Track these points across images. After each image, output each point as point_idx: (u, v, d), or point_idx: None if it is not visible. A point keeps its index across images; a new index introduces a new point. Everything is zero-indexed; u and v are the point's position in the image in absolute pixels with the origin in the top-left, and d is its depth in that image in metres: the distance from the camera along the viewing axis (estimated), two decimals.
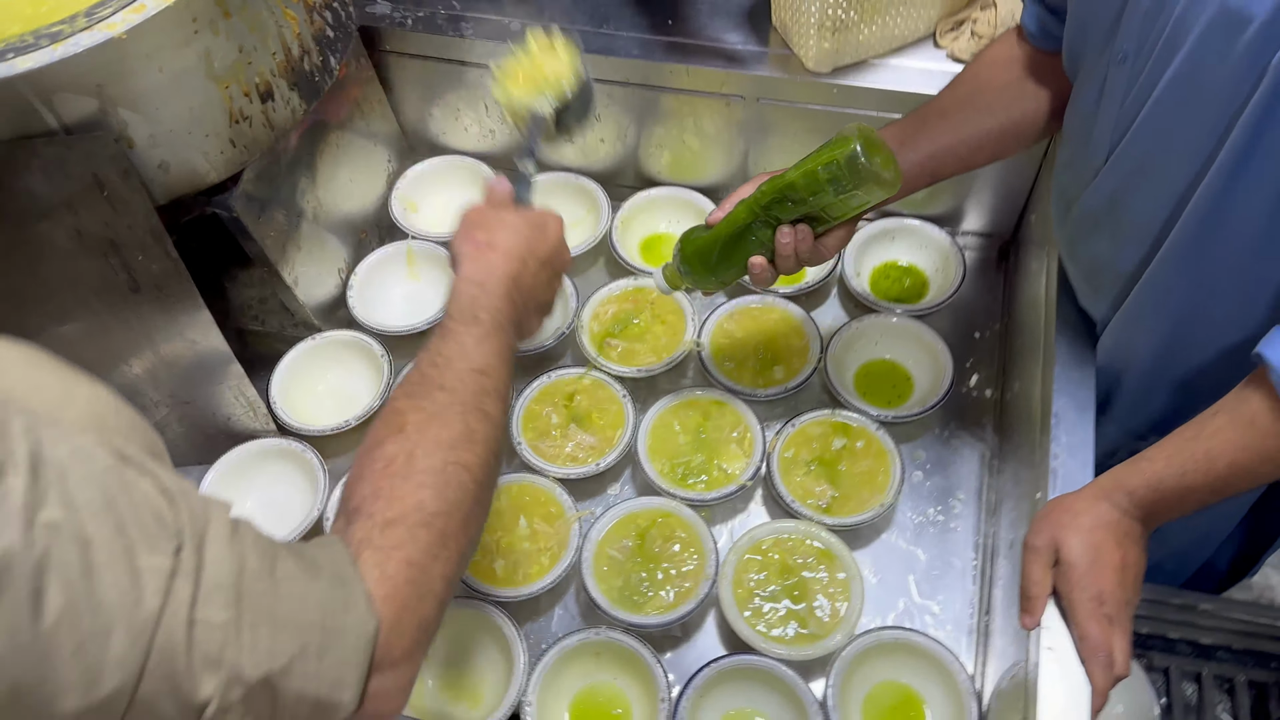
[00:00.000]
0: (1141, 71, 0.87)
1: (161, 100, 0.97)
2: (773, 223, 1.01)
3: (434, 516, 0.66)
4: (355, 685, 0.58)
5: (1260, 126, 0.79)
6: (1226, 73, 0.78)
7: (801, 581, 1.19)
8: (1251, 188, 0.83)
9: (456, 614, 1.18)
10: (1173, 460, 0.88)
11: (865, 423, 1.29)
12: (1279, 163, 0.80)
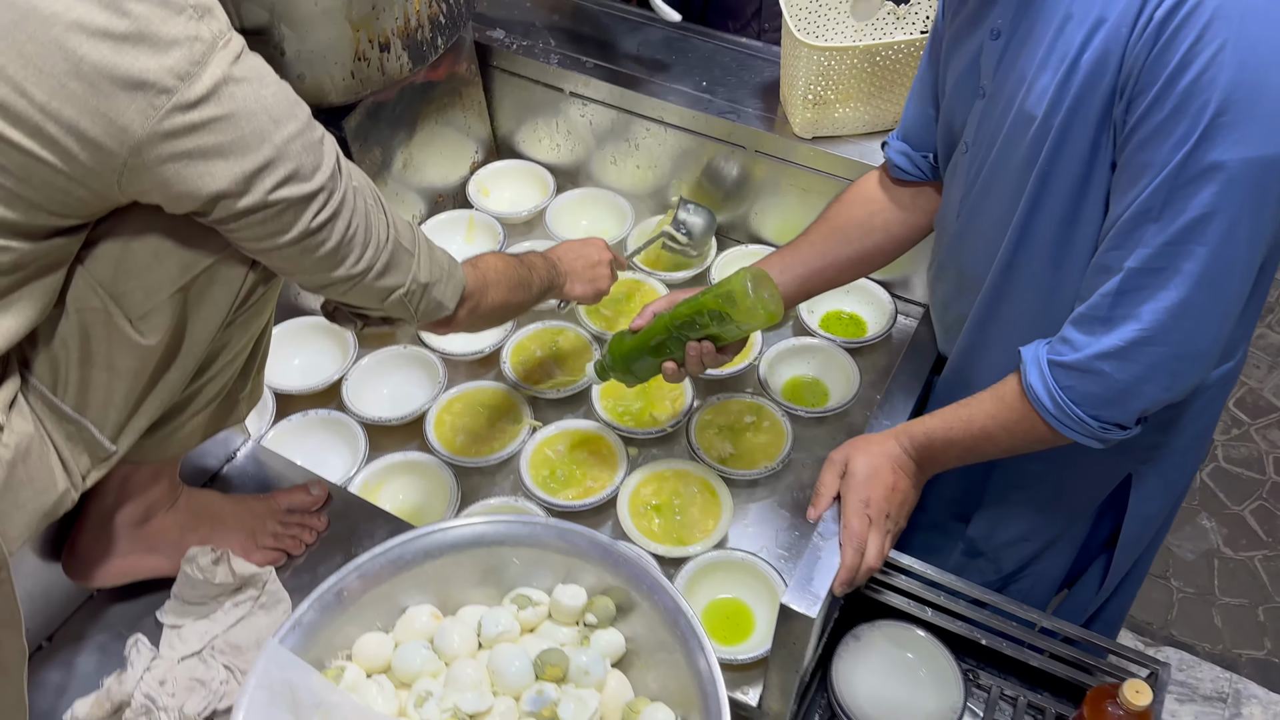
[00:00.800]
0: (976, 158, 1.17)
1: (311, 26, 1.42)
2: (683, 339, 1.28)
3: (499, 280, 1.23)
4: (454, 302, 1.13)
5: (1038, 197, 1.07)
6: (1021, 155, 1.07)
7: (682, 503, 1.47)
8: (1034, 245, 1.11)
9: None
10: (945, 418, 1.16)
11: (774, 408, 1.58)
12: (1051, 223, 1.08)
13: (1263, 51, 0.86)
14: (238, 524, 1.28)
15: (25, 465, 0.94)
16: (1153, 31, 0.89)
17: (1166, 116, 0.89)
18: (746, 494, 1.52)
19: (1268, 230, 0.93)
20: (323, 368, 1.67)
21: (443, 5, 1.56)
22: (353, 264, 0.98)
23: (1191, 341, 0.97)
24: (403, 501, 1.52)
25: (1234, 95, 0.86)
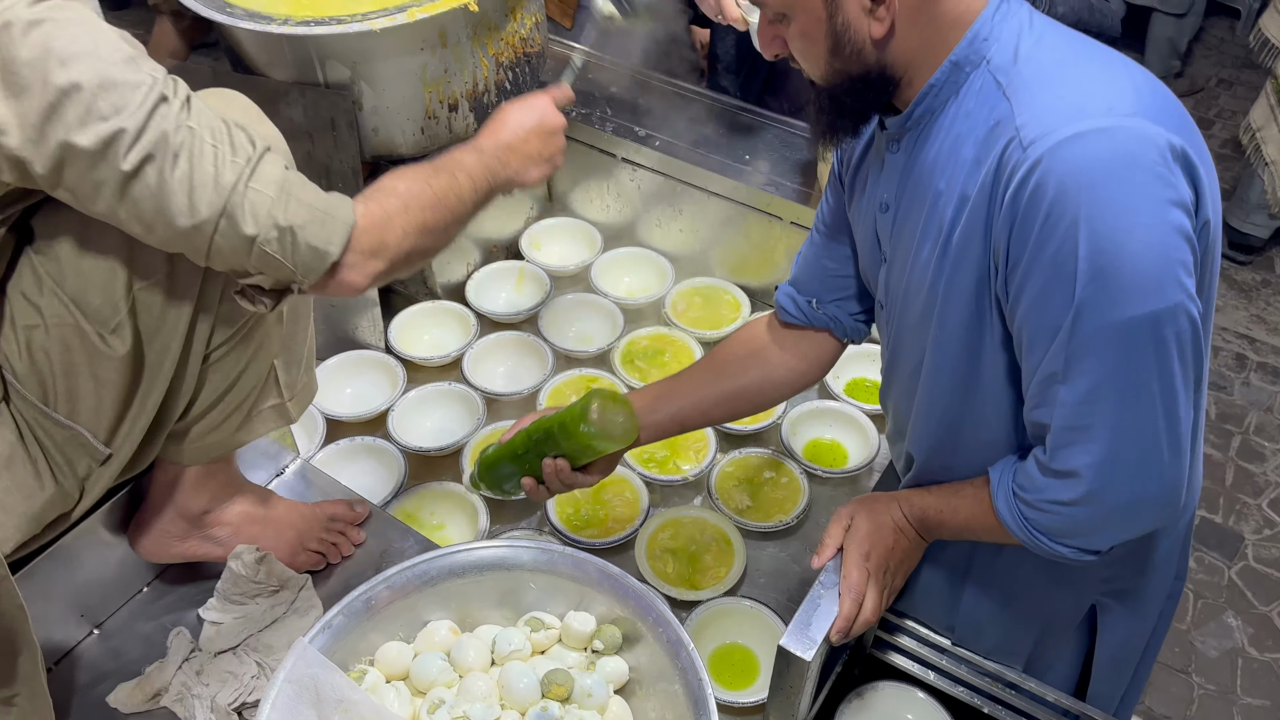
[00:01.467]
0: (891, 317, 1.21)
1: (387, 85, 1.56)
2: (540, 454, 1.26)
3: (403, 195, 1.04)
4: (339, 246, 0.97)
5: (936, 357, 1.11)
6: (917, 317, 1.12)
7: (698, 550, 1.54)
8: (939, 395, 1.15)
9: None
10: (938, 499, 1.20)
11: (794, 466, 1.65)
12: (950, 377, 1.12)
13: (1110, 221, 0.89)
14: (288, 525, 1.37)
15: (8, 475, 1.04)
16: (1008, 210, 0.94)
17: (1041, 289, 0.94)
18: (761, 546, 1.59)
19: (1170, 376, 0.95)
20: (372, 398, 1.78)
21: (509, 74, 1.69)
22: (191, 211, 0.92)
23: (1136, 488, 1.00)
24: (435, 528, 1.61)
25: (1095, 265, 0.90)
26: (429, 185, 1.07)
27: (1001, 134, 0.96)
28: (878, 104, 1.06)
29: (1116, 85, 0.95)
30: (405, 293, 1.99)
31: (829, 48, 1.01)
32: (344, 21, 1.45)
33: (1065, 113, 0.92)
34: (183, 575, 1.39)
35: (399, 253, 1.04)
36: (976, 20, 0.99)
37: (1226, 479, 2.77)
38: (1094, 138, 0.90)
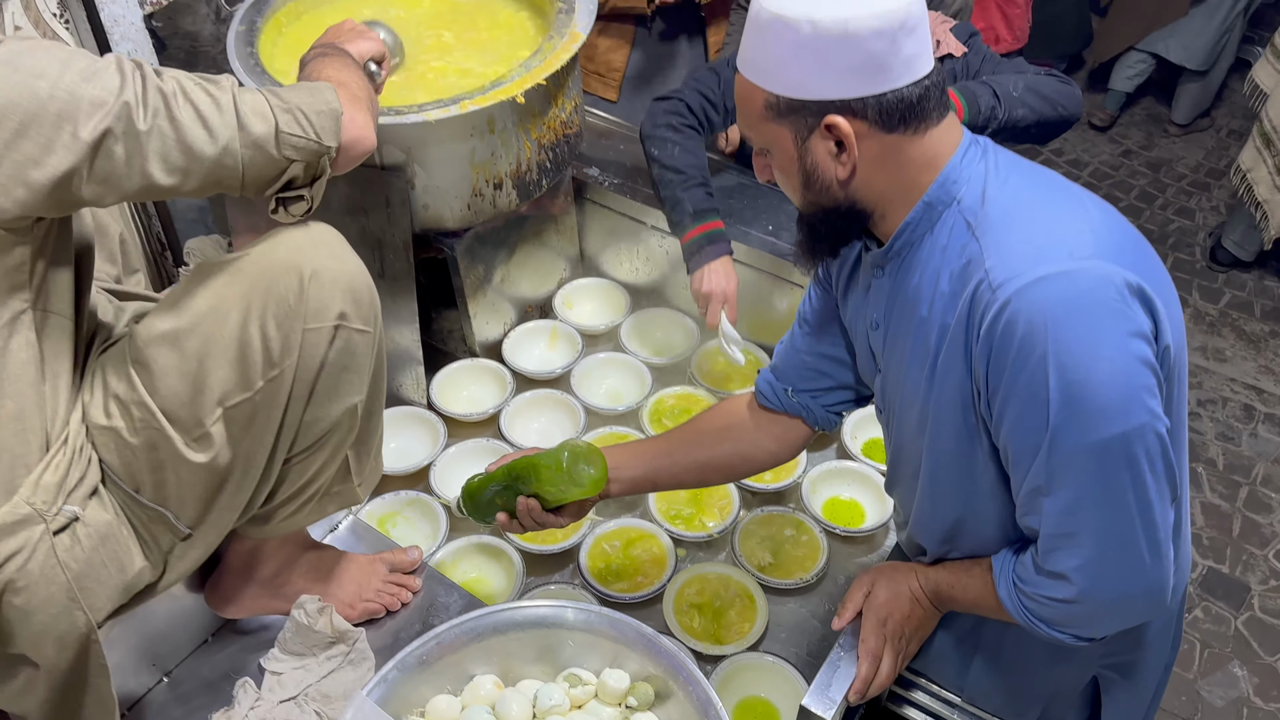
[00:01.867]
0: (891, 421, 1.30)
1: (438, 167, 1.67)
2: (516, 491, 1.37)
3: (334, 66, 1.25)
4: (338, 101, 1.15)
5: (933, 464, 1.21)
6: (913, 427, 1.21)
7: (722, 605, 1.64)
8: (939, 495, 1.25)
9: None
10: (952, 576, 1.30)
11: (813, 525, 1.75)
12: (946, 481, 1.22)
13: (1076, 354, 0.99)
14: (348, 578, 1.48)
15: (106, 548, 1.15)
16: (983, 343, 1.04)
17: (1019, 414, 1.04)
18: (781, 601, 1.68)
19: (1144, 487, 1.04)
20: (414, 453, 1.89)
21: (549, 153, 1.81)
22: (212, 139, 1.06)
23: (1121, 588, 1.09)
24: (475, 579, 1.71)
25: (1066, 393, 1.00)
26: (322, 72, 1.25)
27: (973, 273, 1.06)
28: (852, 232, 1.16)
29: (1075, 228, 1.05)
30: (446, 350, 2.10)
31: (802, 182, 1.12)
32: (402, 112, 1.57)
33: (1030, 257, 1.03)
34: (244, 625, 1.50)
35: (370, 99, 1.24)
36: (946, 165, 1.09)
37: (1234, 530, 2.84)
38: (1057, 280, 1.01)
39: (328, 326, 1.18)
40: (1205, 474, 3.00)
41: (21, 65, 0.98)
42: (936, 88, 1.08)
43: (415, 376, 1.94)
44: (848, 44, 1.02)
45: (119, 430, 1.13)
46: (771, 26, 1.04)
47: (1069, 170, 4.26)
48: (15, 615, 1.09)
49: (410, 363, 1.92)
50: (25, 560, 1.08)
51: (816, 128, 1.06)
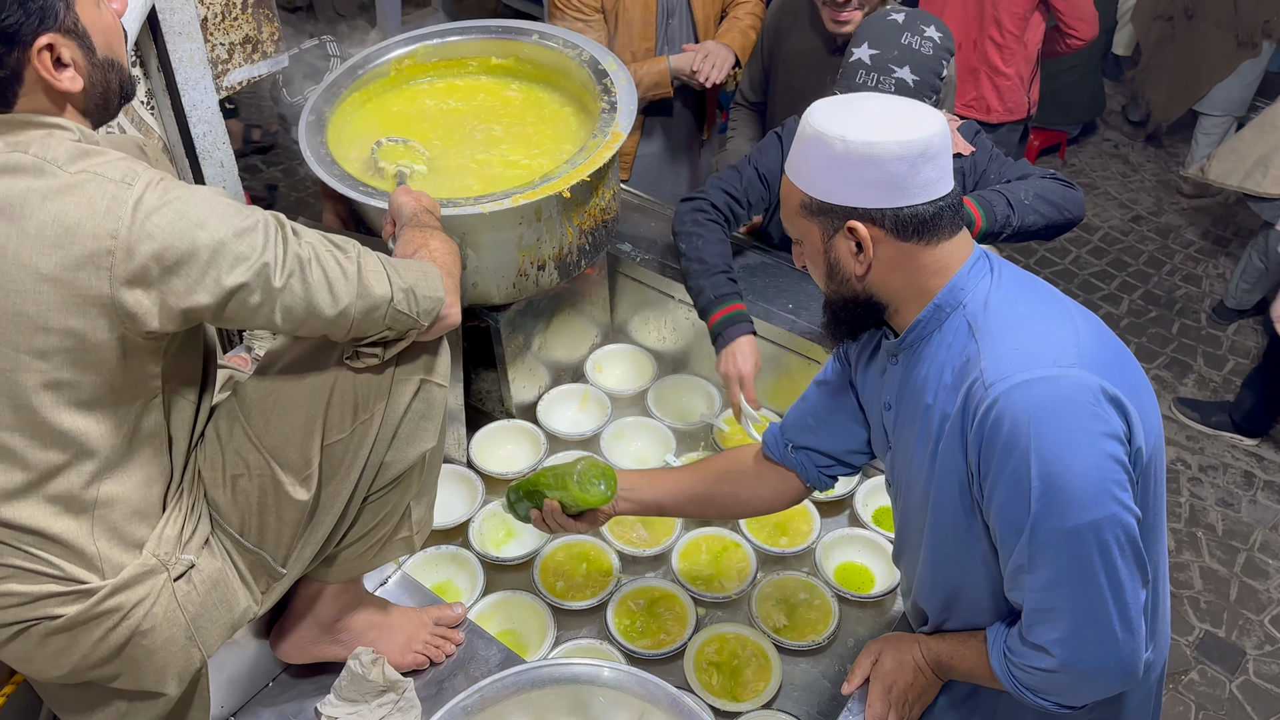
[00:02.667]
0: (899, 495, 1.44)
1: (488, 251, 1.83)
2: (544, 495, 1.59)
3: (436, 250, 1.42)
4: (441, 289, 1.32)
5: (933, 537, 1.35)
6: (917, 502, 1.35)
7: (739, 664, 1.76)
8: (940, 564, 1.38)
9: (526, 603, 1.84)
10: (951, 647, 1.42)
11: (826, 589, 1.88)
12: (943, 551, 1.35)
13: (1055, 449, 1.14)
14: (399, 630, 1.62)
15: (217, 591, 1.33)
16: (976, 432, 1.19)
17: (1005, 499, 1.18)
18: (795, 662, 1.80)
19: (1115, 570, 1.17)
20: (454, 509, 2.03)
21: (589, 237, 1.96)
22: (334, 302, 1.20)
23: (1097, 661, 1.22)
24: (509, 631, 1.84)
25: (1045, 483, 1.14)
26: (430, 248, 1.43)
27: (971, 370, 1.22)
28: (869, 321, 1.33)
29: (1061, 339, 1.21)
30: (485, 410, 2.24)
31: (826, 273, 1.30)
32: (459, 204, 1.73)
33: (1018, 362, 1.19)
34: (302, 672, 1.63)
35: (459, 276, 1.42)
36: (956, 274, 1.26)
37: (1231, 594, 2.94)
38: (1040, 384, 1.17)
39: (414, 379, 1.37)
40: (1204, 539, 3.11)
41: (187, 214, 1.11)
42: (951, 208, 1.24)
43: (457, 436, 2.09)
44: (872, 163, 1.19)
45: (237, 479, 1.30)
46: (812, 140, 1.22)
47: (1079, 233, 4.40)
48: (141, 654, 1.25)
49: (454, 423, 2.06)
50: (151, 605, 1.24)
51: (840, 229, 1.23)
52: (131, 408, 1.20)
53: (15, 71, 1.11)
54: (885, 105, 1.24)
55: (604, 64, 2.01)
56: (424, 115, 2.06)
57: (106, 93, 1.20)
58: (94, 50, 1.16)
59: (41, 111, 1.15)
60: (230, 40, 1.92)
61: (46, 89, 1.14)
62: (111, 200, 1.09)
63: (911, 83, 1.87)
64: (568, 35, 2.09)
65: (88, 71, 1.16)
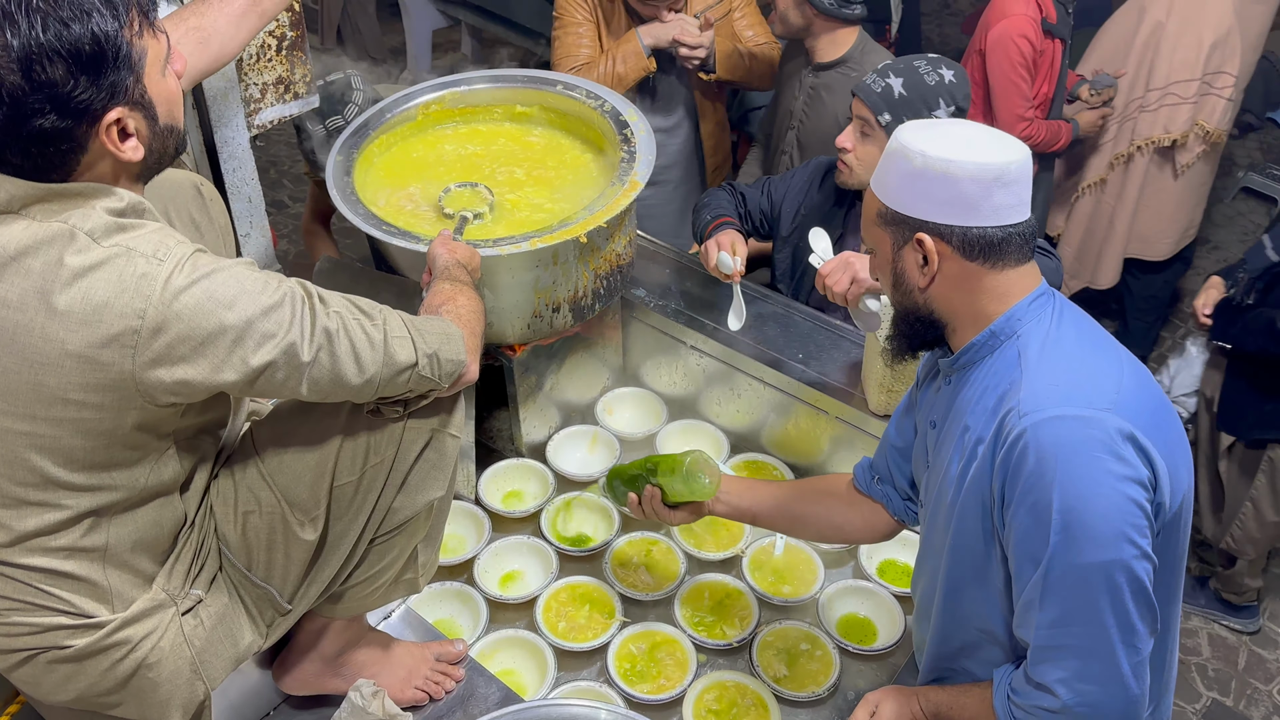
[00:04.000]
0: (925, 515, 1.47)
1: (505, 292, 1.87)
2: (647, 480, 1.68)
3: (461, 308, 1.45)
4: (464, 351, 1.35)
5: (951, 561, 1.36)
6: (941, 522, 1.37)
7: (738, 713, 1.76)
8: (956, 589, 1.39)
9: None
10: (951, 696, 1.44)
11: (827, 640, 1.88)
12: (962, 575, 1.36)
13: (1078, 488, 1.16)
14: (401, 665, 1.63)
15: (222, 626, 1.34)
16: (1004, 461, 1.22)
17: (1026, 529, 1.21)
18: (794, 713, 1.80)
19: (1125, 613, 1.19)
20: (458, 546, 2.04)
21: (604, 282, 2.00)
22: (360, 372, 1.22)
23: (1104, 702, 1.22)
24: (509, 670, 1.84)
25: (1065, 519, 1.17)
26: (468, 301, 1.48)
27: (1009, 399, 1.25)
28: (927, 338, 1.38)
29: (1103, 383, 1.23)
30: (495, 448, 2.27)
31: (892, 282, 1.36)
32: (479, 246, 1.77)
33: (1055, 397, 1.22)
34: (304, 702, 1.65)
35: (481, 347, 1.44)
36: (1016, 304, 1.30)
37: (1239, 663, 2.91)
38: (1072, 422, 1.19)
39: (428, 429, 1.39)
40: None
41: (215, 293, 1.11)
42: (1021, 237, 1.28)
43: (467, 472, 2.11)
44: (947, 181, 1.24)
45: (249, 515, 1.32)
46: (895, 152, 1.28)
47: None
48: (147, 686, 1.27)
49: (464, 459, 2.09)
50: (159, 639, 1.26)
51: (909, 240, 1.29)
52: (144, 465, 1.23)
53: (81, 144, 1.11)
54: (972, 131, 1.30)
55: (625, 115, 2.07)
56: (442, 160, 2.11)
57: (163, 157, 1.22)
58: (156, 119, 1.17)
59: (98, 179, 1.14)
60: (264, 80, 1.98)
61: (106, 157, 1.13)
62: (140, 278, 1.09)
63: (898, 94, 2.07)
64: (590, 86, 2.15)
65: (149, 140, 1.17)
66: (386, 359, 1.25)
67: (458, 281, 1.54)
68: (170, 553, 1.30)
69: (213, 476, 1.36)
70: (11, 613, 1.21)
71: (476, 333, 1.44)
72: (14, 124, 1.05)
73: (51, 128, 1.07)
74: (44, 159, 1.09)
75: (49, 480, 1.17)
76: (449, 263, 1.60)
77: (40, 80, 1.04)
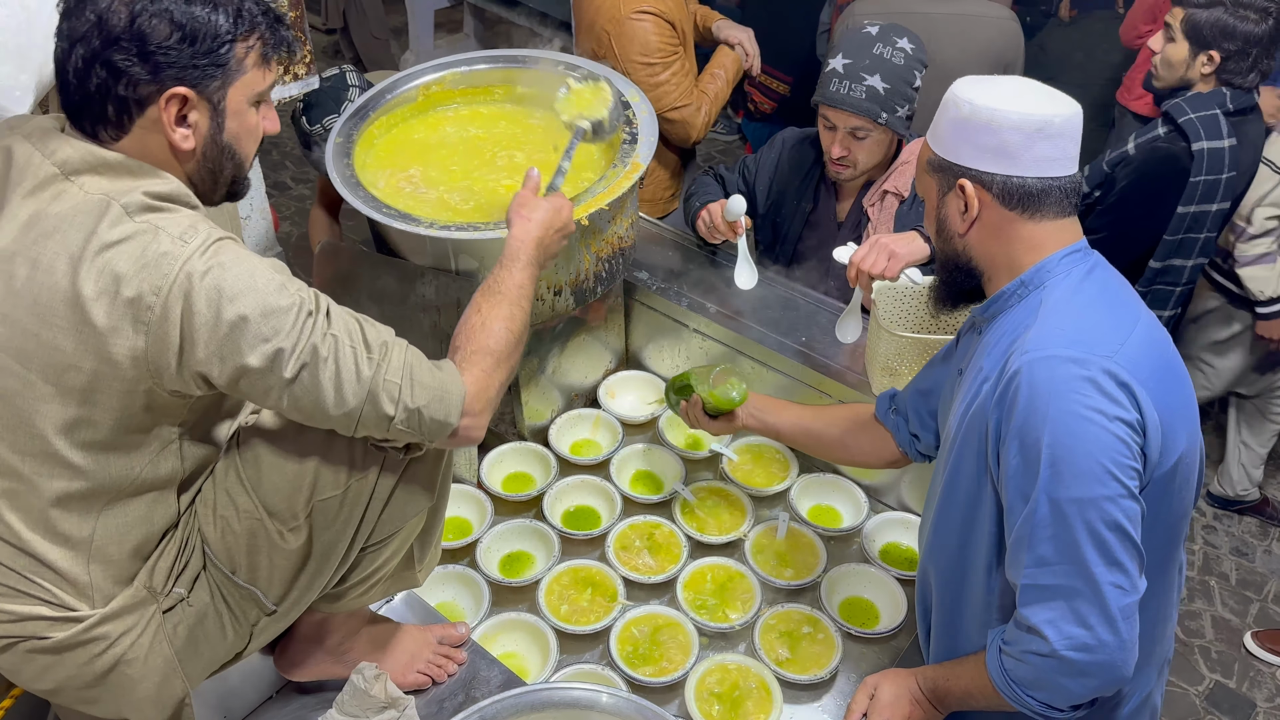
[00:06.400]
0: (938, 459, 1.49)
1: None
2: (692, 389, 1.86)
3: (495, 351, 1.33)
4: (456, 417, 1.26)
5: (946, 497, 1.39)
6: (940, 462, 1.41)
7: (740, 695, 1.76)
8: (946, 534, 1.41)
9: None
10: (946, 670, 1.45)
11: (829, 624, 1.87)
12: (954, 520, 1.39)
13: (1068, 423, 1.18)
14: (403, 650, 1.63)
15: (204, 626, 1.33)
16: (999, 397, 1.25)
17: (1016, 465, 1.23)
18: (796, 695, 1.80)
19: (1108, 550, 1.19)
20: (460, 530, 2.04)
21: (605, 265, 1.99)
22: (340, 403, 1.18)
23: (1093, 643, 1.21)
24: (511, 653, 1.85)
25: (1053, 454, 1.19)
26: (510, 329, 1.35)
27: (1018, 339, 1.28)
28: (965, 287, 1.41)
29: (1110, 335, 1.25)
30: (497, 432, 2.26)
31: (935, 229, 1.40)
32: (479, 228, 1.76)
33: (1057, 340, 1.24)
34: (305, 685, 1.65)
35: (499, 398, 1.35)
36: (1049, 256, 1.32)
37: (1243, 645, 2.91)
38: (1067, 362, 1.22)
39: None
40: (1218, 588, 3.08)
41: (224, 285, 1.11)
42: (1062, 191, 1.30)
43: (468, 456, 2.11)
44: (990, 129, 1.28)
45: (227, 519, 1.29)
46: (948, 102, 1.33)
47: None
48: (125, 683, 1.26)
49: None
50: (138, 636, 1.25)
51: (953, 186, 1.34)
52: (144, 454, 1.22)
53: (139, 101, 1.14)
54: (1024, 85, 1.33)
55: (627, 95, 2.05)
56: (443, 142, 2.10)
57: (216, 175, 1.23)
58: (221, 130, 1.20)
59: (146, 157, 1.17)
60: None
61: (158, 134, 1.16)
62: (161, 256, 1.11)
63: (882, 90, 2.01)
64: (592, 66, 2.13)
65: (204, 143, 1.19)
66: (370, 397, 1.20)
67: (514, 277, 1.41)
68: (155, 550, 1.28)
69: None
70: None
71: (503, 364, 1.33)
72: (98, 56, 1.11)
73: (126, 71, 1.12)
74: (105, 104, 1.14)
75: (48, 452, 1.16)
76: (521, 240, 1.45)
77: (140, 29, 1.11)
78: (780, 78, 3.66)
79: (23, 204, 1.15)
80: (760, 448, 2.24)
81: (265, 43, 1.19)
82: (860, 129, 2.11)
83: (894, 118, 2.11)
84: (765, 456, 2.23)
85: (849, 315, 2.08)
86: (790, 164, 2.34)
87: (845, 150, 2.14)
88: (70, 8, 1.13)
